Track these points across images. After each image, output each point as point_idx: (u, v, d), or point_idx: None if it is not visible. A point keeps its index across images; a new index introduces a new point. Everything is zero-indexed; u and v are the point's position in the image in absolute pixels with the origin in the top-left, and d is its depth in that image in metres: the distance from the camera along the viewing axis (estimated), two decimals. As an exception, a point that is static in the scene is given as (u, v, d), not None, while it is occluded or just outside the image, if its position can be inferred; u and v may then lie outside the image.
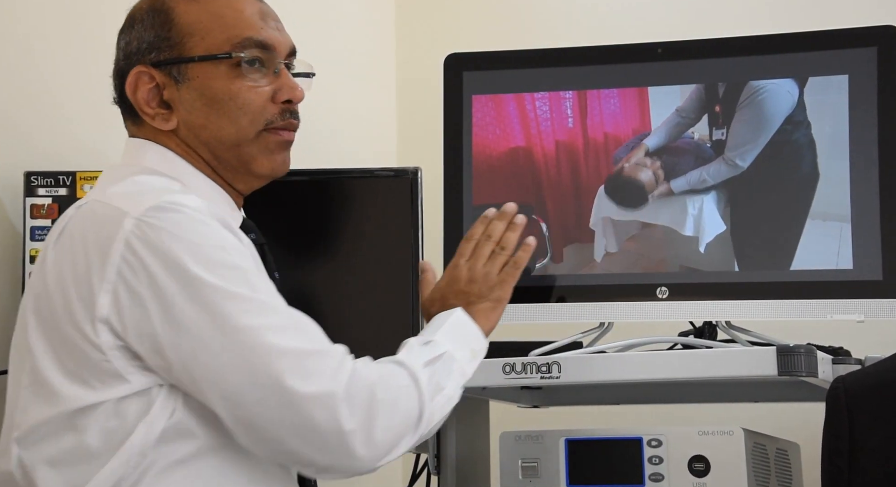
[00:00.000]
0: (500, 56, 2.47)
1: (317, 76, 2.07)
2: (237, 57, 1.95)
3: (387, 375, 1.85)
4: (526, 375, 2.29)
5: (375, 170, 2.56)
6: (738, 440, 2.28)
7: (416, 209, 2.48)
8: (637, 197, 2.36)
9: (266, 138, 1.97)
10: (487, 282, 2.08)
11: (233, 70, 1.95)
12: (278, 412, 1.77)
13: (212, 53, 1.95)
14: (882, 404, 1.88)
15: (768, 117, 2.33)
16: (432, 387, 1.88)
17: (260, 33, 1.97)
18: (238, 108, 1.95)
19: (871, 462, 1.87)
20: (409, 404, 1.84)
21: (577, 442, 2.37)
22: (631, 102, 2.39)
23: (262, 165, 1.98)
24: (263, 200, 2.53)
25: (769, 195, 2.31)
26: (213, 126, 1.95)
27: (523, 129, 2.42)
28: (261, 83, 1.96)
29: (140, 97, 1.96)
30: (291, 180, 2.55)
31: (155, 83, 1.95)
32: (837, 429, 1.89)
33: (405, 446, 1.85)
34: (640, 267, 2.36)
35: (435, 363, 1.91)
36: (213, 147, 1.96)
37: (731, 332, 2.33)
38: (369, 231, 2.50)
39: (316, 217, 2.53)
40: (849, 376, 1.96)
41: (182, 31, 1.96)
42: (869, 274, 2.25)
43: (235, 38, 1.95)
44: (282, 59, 1.99)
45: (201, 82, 1.95)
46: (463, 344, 1.98)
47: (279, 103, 1.97)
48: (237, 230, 1.88)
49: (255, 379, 1.76)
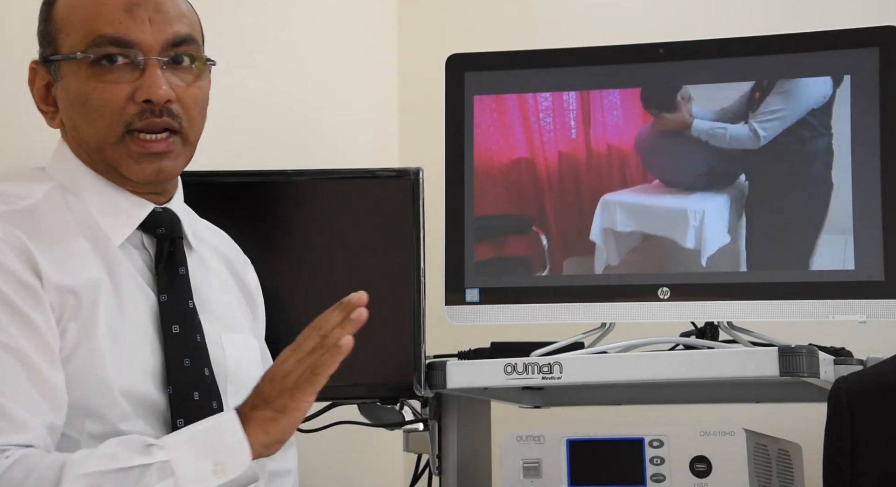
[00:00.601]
0: (502, 56, 2.47)
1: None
2: (86, 56, 1.85)
3: (18, 477, 1.68)
4: (527, 375, 2.29)
5: (377, 170, 2.56)
6: (740, 440, 2.28)
7: (417, 209, 2.48)
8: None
9: (128, 145, 1.86)
10: (281, 385, 1.73)
11: (91, 69, 1.85)
12: None
13: (72, 52, 1.87)
14: (884, 404, 1.88)
15: (799, 103, 2.31)
16: None
17: (117, 29, 1.85)
18: (94, 110, 1.86)
19: (873, 463, 1.86)
20: None
21: (579, 443, 2.36)
22: (635, 108, 2.38)
23: (131, 171, 1.88)
24: (264, 200, 2.53)
25: (778, 197, 2.31)
26: (79, 127, 1.89)
27: (526, 138, 2.41)
28: (120, 83, 1.85)
29: (36, 93, 1.92)
30: (293, 180, 2.56)
31: (47, 80, 1.91)
32: (839, 430, 1.89)
33: None
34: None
35: (127, 474, 1.68)
36: (86, 148, 1.90)
37: (733, 333, 2.33)
38: (371, 231, 2.50)
39: (316, 217, 2.53)
40: (851, 376, 1.96)
41: (55, 26, 1.89)
42: (871, 274, 2.25)
43: (90, 35, 1.86)
44: (148, 55, 1.86)
45: (67, 82, 1.88)
46: (206, 454, 1.70)
47: (139, 103, 1.85)
48: (38, 258, 1.78)
49: None
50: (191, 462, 1.69)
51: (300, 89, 3.20)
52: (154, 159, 1.87)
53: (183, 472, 1.68)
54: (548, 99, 2.40)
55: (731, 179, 2.33)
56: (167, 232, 1.93)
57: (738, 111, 2.33)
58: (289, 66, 3.14)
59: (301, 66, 3.20)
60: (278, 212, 2.53)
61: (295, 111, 3.17)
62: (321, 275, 2.52)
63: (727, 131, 2.33)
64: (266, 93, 2.93)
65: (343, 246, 2.51)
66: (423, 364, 2.40)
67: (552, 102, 2.40)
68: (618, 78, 2.40)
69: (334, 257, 2.51)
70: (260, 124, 2.90)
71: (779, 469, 2.40)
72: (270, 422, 1.73)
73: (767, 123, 2.31)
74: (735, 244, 2.32)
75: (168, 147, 1.88)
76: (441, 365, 2.35)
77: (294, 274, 2.49)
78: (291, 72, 3.16)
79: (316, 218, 2.53)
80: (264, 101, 2.92)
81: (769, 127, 2.32)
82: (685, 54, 2.39)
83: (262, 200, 2.52)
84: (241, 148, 2.77)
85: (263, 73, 2.93)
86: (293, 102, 3.16)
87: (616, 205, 2.37)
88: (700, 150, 2.34)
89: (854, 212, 2.27)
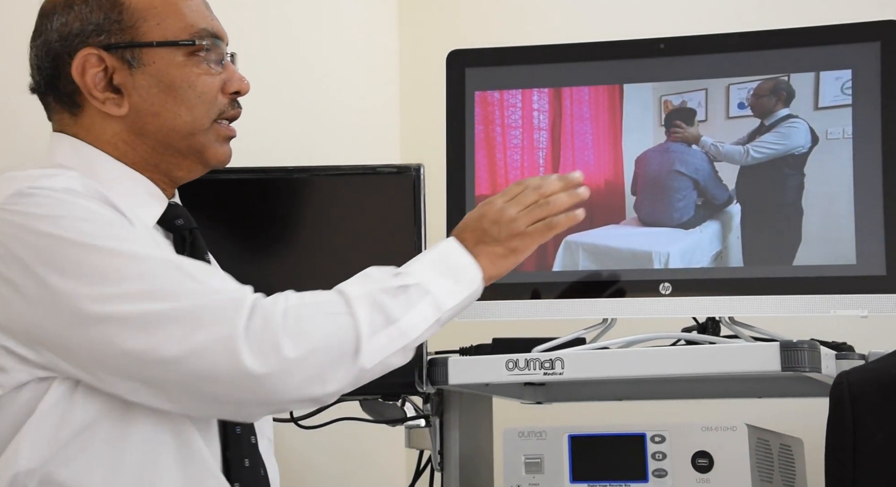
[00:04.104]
0: (503, 52, 2.47)
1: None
2: (199, 44, 1.94)
3: (308, 304, 1.79)
4: (529, 371, 2.29)
5: (378, 166, 2.56)
6: (742, 435, 2.28)
7: (418, 206, 2.48)
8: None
9: (217, 129, 1.97)
10: (511, 229, 1.94)
11: (189, 58, 1.94)
12: (170, 377, 1.74)
13: (169, 40, 1.93)
14: (886, 399, 1.88)
15: (787, 144, 2.33)
16: (378, 318, 1.80)
17: (211, 23, 1.97)
18: (196, 97, 1.94)
19: (875, 458, 1.86)
20: (337, 332, 1.78)
21: (581, 439, 2.37)
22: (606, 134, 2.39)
23: (215, 154, 1.98)
24: (265, 197, 2.53)
25: (773, 190, 2.32)
26: (168, 113, 1.93)
27: (490, 178, 2.41)
28: (213, 73, 1.96)
29: (89, 80, 1.92)
30: (294, 177, 2.56)
31: (104, 66, 1.92)
32: (841, 425, 1.89)
33: (342, 379, 1.79)
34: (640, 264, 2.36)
35: (395, 294, 1.83)
36: (165, 134, 1.94)
37: (735, 328, 2.33)
38: (371, 228, 2.50)
39: (317, 214, 2.53)
40: (852, 371, 1.96)
41: (135, 15, 1.93)
42: (872, 269, 2.25)
43: (192, 26, 1.94)
44: (227, 51, 1.99)
45: (158, 68, 1.93)
46: (446, 275, 1.88)
47: (228, 94, 1.97)
48: (119, 205, 1.84)
49: (130, 353, 1.74)
50: (438, 283, 1.86)
51: (301, 86, 3.20)
52: (228, 143, 2.00)
53: (435, 290, 1.85)
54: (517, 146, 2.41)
55: (723, 198, 2.34)
56: (185, 223, 1.99)
57: (742, 140, 2.35)
58: (289, 63, 3.14)
59: (302, 63, 3.20)
60: (279, 209, 2.53)
61: (296, 108, 3.17)
62: (322, 272, 2.51)
63: (722, 147, 2.35)
64: (267, 90, 2.93)
65: (344, 243, 2.51)
66: (425, 360, 2.40)
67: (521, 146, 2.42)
68: (618, 73, 2.40)
69: (335, 253, 2.51)
70: (261, 121, 2.90)
71: (780, 463, 2.40)
72: (500, 258, 1.93)
73: (760, 149, 2.33)
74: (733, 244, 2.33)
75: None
76: (443, 361, 2.36)
77: (295, 270, 2.49)
78: (292, 69, 3.16)
79: (317, 214, 2.53)
80: (265, 98, 2.92)
81: (761, 152, 2.33)
82: (685, 50, 2.39)
83: (263, 197, 2.52)
84: (242, 145, 2.77)
85: (264, 70, 2.93)
86: (294, 99, 3.16)
87: (579, 246, 2.37)
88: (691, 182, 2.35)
89: (855, 206, 2.27)
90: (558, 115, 2.42)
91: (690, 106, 2.37)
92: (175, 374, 1.75)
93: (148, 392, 1.77)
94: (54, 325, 1.75)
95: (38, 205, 1.78)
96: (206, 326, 1.74)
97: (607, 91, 2.41)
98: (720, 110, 2.36)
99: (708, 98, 2.37)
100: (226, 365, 1.73)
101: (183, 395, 1.77)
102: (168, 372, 1.75)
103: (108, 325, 1.74)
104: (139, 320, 1.74)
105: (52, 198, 1.79)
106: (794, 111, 2.33)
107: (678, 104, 2.38)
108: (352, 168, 2.58)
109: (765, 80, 2.34)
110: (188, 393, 1.77)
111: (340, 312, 1.79)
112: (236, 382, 1.74)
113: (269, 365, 1.73)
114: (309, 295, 1.81)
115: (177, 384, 1.76)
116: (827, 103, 2.32)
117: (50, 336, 1.76)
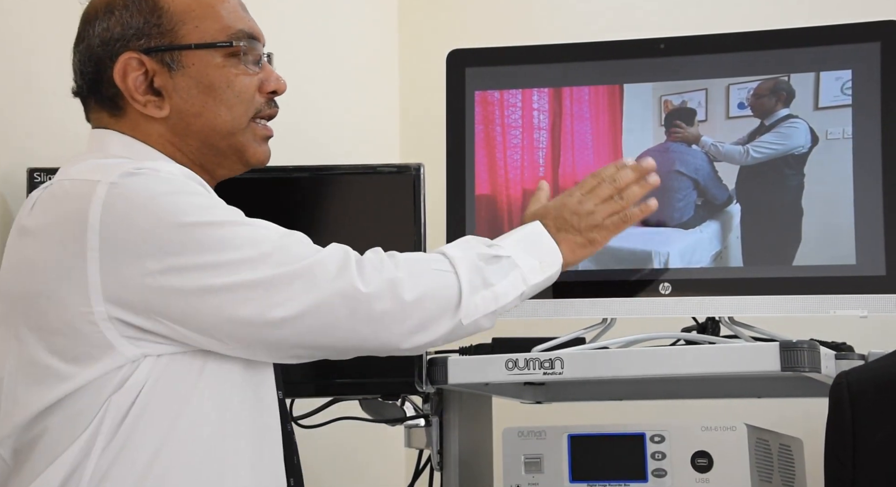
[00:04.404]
0: (503, 52, 2.47)
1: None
2: (237, 46, 1.97)
3: (416, 258, 1.92)
4: (529, 371, 2.29)
5: (378, 166, 2.56)
6: (741, 435, 2.28)
7: (418, 205, 2.48)
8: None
9: (255, 128, 2.00)
10: (590, 220, 2.08)
11: (228, 59, 1.97)
12: (288, 337, 1.84)
13: (207, 42, 1.96)
14: (885, 399, 1.88)
15: (787, 144, 2.33)
16: (477, 280, 1.93)
17: (248, 25, 2.00)
18: (235, 96, 1.97)
19: (874, 458, 1.86)
20: (443, 286, 1.90)
21: (580, 438, 2.37)
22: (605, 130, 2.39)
23: (255, 154, 2.01)
24: (265, 196, 2.53)
25: (773, 190, 2.32)
26: (209, 113, 1.96)
27: (490, 178, 2.41)
28: (250, 74, 1.99)
29: (130, 84, 1.95)
30: (294, 176, 2.56)
31: (144, 70, 1.95)
32: (840, 425, 1.89)
33: (442, 330, 1.91)
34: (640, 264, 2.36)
35: (490, 262, 1.95)
36: (207, 135, 1.97)
37: (734, 328, 2.33)
38: (371, 227, 2.50)
39: (318, 213, 2.53)
40: (852, 371, 1.96)
41: (174, 18, 1.96)
42: (872, 269, 2.25)
43: (230, 28, 1.97)
44: (264, 51, 2.02)
45: (198, 70, 1.96)
46: (532, 254, 2.01)
47: (265, 94, 2.01)
48: (211, 191, 1.92)
49: (248, 318, 1.82)
50: (525, 259, 1.99)
51: (301, 85, 3.19)
52: (267, 143, 2.04)
53: (523, 265, 1.98)
54: (517, 146, 2.41)
55: (723, 198, 2.34)
56: None
57: (742, 140, 2.35)
58: (289, 62, 3.14)
59: (302, 63, 3.20)
60: (279, 209, 2.53)
61: (296, 107, 3.17)
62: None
63: (722, 147, 2.35)
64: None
65: (344, 241, 2.50)
66: (425, 359, 2.40)
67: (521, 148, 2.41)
68: (619, 73, 2.40)
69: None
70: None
71: (780, 463, 2.40)
72: (579, 247, 2.07)
73: (760, 149, 2.33)
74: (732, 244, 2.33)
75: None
76: (442, 360, 2.36)
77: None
78: (292, 68, 3.15)
79: (317, 214, 2.53)
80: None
81: (760, 152, 2.33)
82: (685, 50, 2.39)
83: (262, 197, 2.52)
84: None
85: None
86: (294, 99, 3.15)
87: None
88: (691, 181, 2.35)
89: (855, 206, 2.27)
90: (558, 115, 2.42)
91: (690, 106, 2.37)
92: (291, 334, 1.83)
93: (264, 352, 1.87)
94: (176, 295, 1.80)
95: (154, 181, 1.84)
96: (321, 283, 1.83)
97: (607, 91, 2.41)
98: (720, 110, 2.36)
99: (708, 98, 2.37)
100: (347, 313, 1.83)
101: (298, 349, 1.86)
102: (282, 333, 1.83)
103: (230, 293, 1.81)
104: (263, 284, 1.82)
105: (163, 177, 1.85)
106: (794, 111, 2.33)
107: (678, 104, 2.38)
108: (352, 167, 2.59)
109: (765, 80, 2.34)
110: (304, 346, 1.86)
111: (445, 270, 1.91)
112: (356, 328, 1.85)
113: (389, 304, 1.85)
114: (413, 254, 1.93)
115: (293, 341, 1.85)
116: (827, 103, 2.32)
117: (171, 306, 1.81)
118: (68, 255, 1.81)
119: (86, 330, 1.80)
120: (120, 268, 1.80)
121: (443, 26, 3.48)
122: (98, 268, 1.80)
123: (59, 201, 1.85)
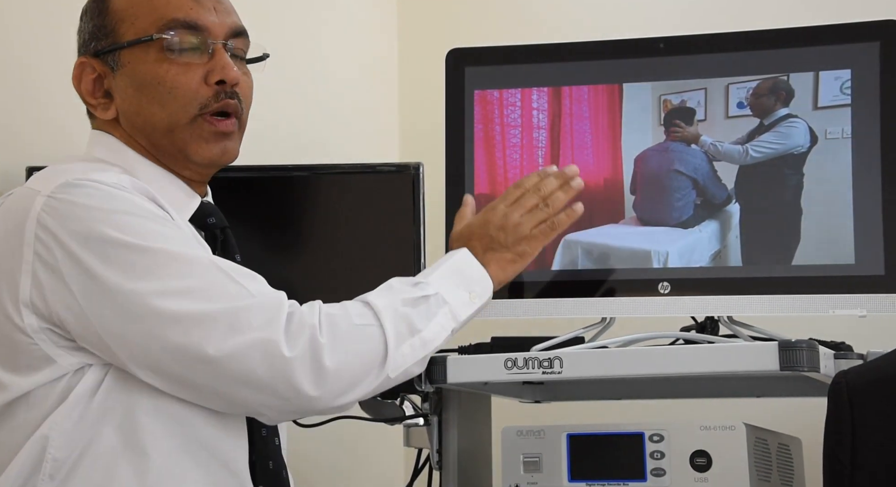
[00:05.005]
0: (502, 51, 2.47)
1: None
2: (160, 38, 1.92)
3: (339, 315, 1.82)
4: (528, 370, 2.29)
5: (377, 165, 2.57)
6: (740, 435, 2.28)
7: (418, 204, 2.48)
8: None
9: (200, 125, 1.94)
10: (517, 233, 2.03)
11: (161, 53, 1.93)
12: (207, 377, 1.76)
13: (139, 37, 1.93)
14: (884, 399, 1.88)
15: (786, 143, 2.33)
16: (403, 328, 1.86)
17: (188, 14, 1.94)
18: (167, 92, 1.92)
19: (873, 457, 1.86)
20: (368, 343, 1.82)
21: (579, 437, 2.37)
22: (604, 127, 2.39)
23: (198, 152, 1.95)
24: (265, 195, 2.54)
25: (772, 190, 2.32)
26: (145, 112, 1.94)
27: (489, 177, 2.41)
28: (192, 65, 1.93)
29: (84, 88, 1.96)
30: (294, 175, 2.56)
31: (97, 73, 1.95)
32: (839, 424, 1.89)
33: (368, 386, 1.84)
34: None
35: (416, 304, 1.88)
36: (149, 133, 1.94)
37: (733, 327, 2.33)
38: (371, 226, 2.50)
39: (317, 212, 2.53)
40: (851, 371, 1.96)
41: (114, 17, 1.95)
42: (871, 268, 2.25)
43: (161, 20, 1.93)
44: (216, 40, 1.95)
45: (132, 68, 1.94)
46: (460, 285, 1.95)
47: (212, 85, 1.94)
48: (163, 204, 1.87)
49: (173, 349, 1.76)
50: (454, 293, 1.93)
51: (300, 85, 3.20)
52: (220, 139, 1.95)
53: (452, 300, 1.92)
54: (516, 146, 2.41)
55: (722, 198, 2.34)
56: (217, 221, 2.00)
57: (741, 140, 2.35)
58: (289, 62, 3.14)
59: (301, 62, 3.20)
60: (279, 207, 2.53)
61: (295, 106, 3.17)
62: (321, 269, 2.52)
63: (721, 147, 2.35)
64: (266, 89, 2.93)
65: (343, 241, 2.51)
66: (424, 359, 2.40)
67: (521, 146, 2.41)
68: (618, 73, 2.40)
69: (335, 251, 2.51)
70: (260, 120, 2.90)
71: (779, 463, 2.40)
72: (509, 263, 2.02)
73: (759, 149, 2.33)
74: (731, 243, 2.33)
75: (232, 128, 1.97)
76: (441, 359, 2.35)
77: (294, 268, 2.49)
78: (291, 67, 3.16)
79: (316, 212, 2.54)
80: (265, 97, 2.91)
81: (760, 151, 2.33)
82: (685, 49, 2.39)
83: (262, 195, 2.52)
84: (242, 144, 2.77)
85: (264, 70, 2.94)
86: (294, 98, 3.16)
87: (578, 245, 2.37)
88: (690, 180, 2.35)
89: (854, 206, 2.27)
90: (558, 114, 2.42)
91: (690, 105, 2.37)
92: (211, 375, 1.76)
93: (181, 388, 1.79)
94: (99, 317, 1.77)
95: (89, 196, 1.80)
96: (245, 330, 1.76)
97: (607, 90, 2.41)
98: (719, 110, 2.36)
99: (707, 97, 2.37)
100: (265, 369, 1.76)
101: (214, 396, 1.79)
102: (205, 371, 1.76)
103: (149, 321, 1.76)
104: (180, 318, 1.76)
105: (102, 190, 1.81)
106: (793, 111, 2.33)
107: (677, 103, 2.38)
108: (351, 166, 2.59)
109: (764, 79, 2.34)
110: (220, 394, 1.78)
111: (369, 324, 1.84)
112: (273, 388, 1.76)
113: (308, 373, 1.77)
114: (338, 306, 1.84)
115: (212, 384, 1.78)
116: (826, 103, 2.32)
117: (94, 326, 1.78)
118: (8, 268, 1.81)
119: (23, 341, 1.80)
120: (49, 283, 1.78)
121: (442, 26, 3.48)
122: (30, 282, 1.79)
123: (7, 211, 1.85)
